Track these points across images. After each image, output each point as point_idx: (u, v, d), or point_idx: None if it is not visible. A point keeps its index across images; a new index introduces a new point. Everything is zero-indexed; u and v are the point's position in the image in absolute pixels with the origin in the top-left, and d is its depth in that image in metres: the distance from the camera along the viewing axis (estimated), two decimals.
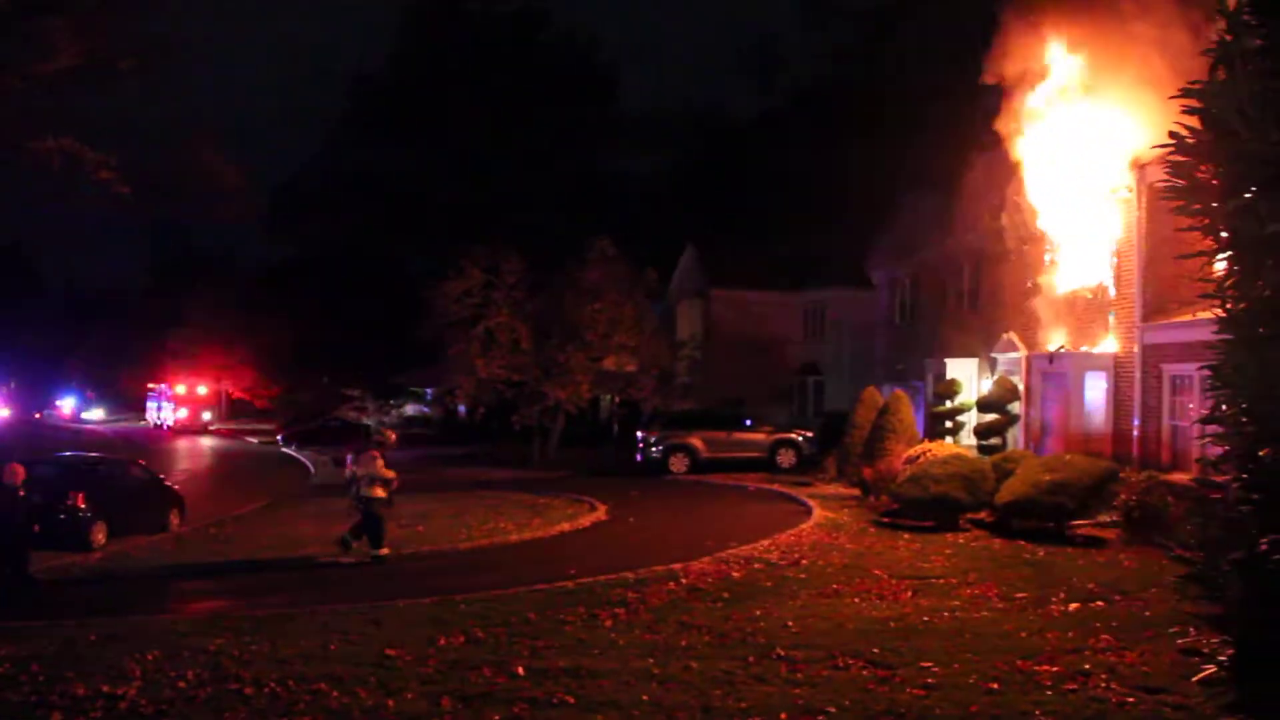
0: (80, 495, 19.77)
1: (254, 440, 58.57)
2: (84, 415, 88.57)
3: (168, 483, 24.58)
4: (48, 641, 11.47)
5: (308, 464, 41.86)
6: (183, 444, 56.23)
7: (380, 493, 17.76)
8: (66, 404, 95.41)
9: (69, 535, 19.23)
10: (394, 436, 18.99)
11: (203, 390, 70.05)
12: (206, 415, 68.96)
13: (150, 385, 74.47)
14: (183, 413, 68.62)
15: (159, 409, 72.44)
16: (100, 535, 19.88)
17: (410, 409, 68.34)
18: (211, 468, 43.47)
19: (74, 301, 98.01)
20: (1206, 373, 6.38)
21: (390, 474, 17.88)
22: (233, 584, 16.43)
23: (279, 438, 55.61)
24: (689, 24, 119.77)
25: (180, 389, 69.44)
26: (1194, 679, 6.25)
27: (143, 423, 75.52)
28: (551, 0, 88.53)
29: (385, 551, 17.73)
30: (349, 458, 18.66)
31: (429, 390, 63.75)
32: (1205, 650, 6.06)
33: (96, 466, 22.97)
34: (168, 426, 68.51)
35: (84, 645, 11.31)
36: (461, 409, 56.95)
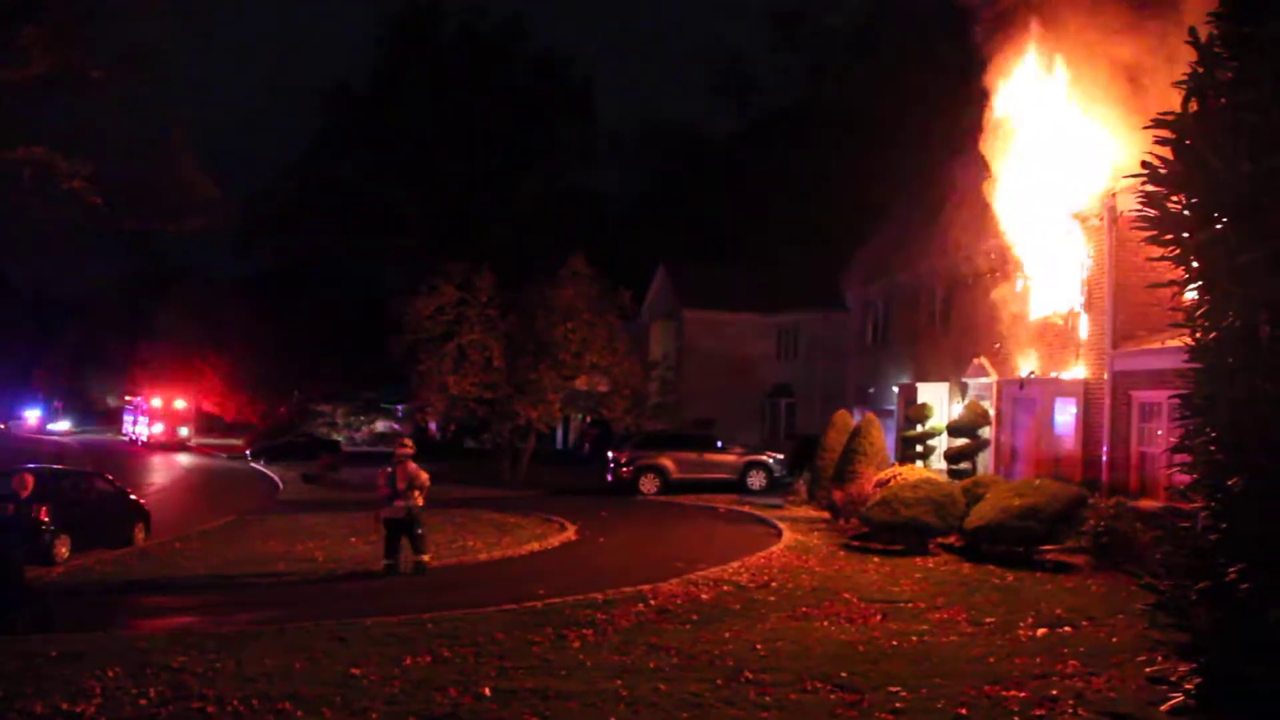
0: (43, 508, 19.50)
1: (223, 455, 57.99)
2: (50, 426, 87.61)
3: (133, 496, 24.30)
4: (6, 657, 11.28)
5: (276, 479, 41.56)
6: (155, 459, 55.54)
7: (421, 500, 18.18)
8: (32, 415, 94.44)
9: (31, 549, 18.96)
10: (410, 443, 19.45)
11: (179, 404, 67.11)
12: (183, 430, 66.12)
13: (127, 398, 71.75)
14: (158, 427, 65.78)
15: (134, 422, 69.94)
16: (63, 549, 19.60)
17: (380, 425, 68.05)
18: (178, 482, 43.05)
19: (42, 311, 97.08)
20: (1176, 401, 6.41)
21: (427, 479, 18.44)
22: (197, 600, 16.25)
23: (247, 453, 55.29)
24: (664, 44, 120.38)
25: (156, 402, 66.66)
26: (1162, 707, 6.27)
27: (117, 436, 74.44)
28: (528, 19, 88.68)
29: (404, 561, 18.04)
30: (384, 473, 18.58)
31: (400, 407, 63.52)
32: (1173, 678, 6.08)
33: (60, 479, 22.69)
34: (143, 441, 66.04)
35: (44, 661, 11.12)
36: (433, 426, 56.79)
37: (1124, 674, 10.01)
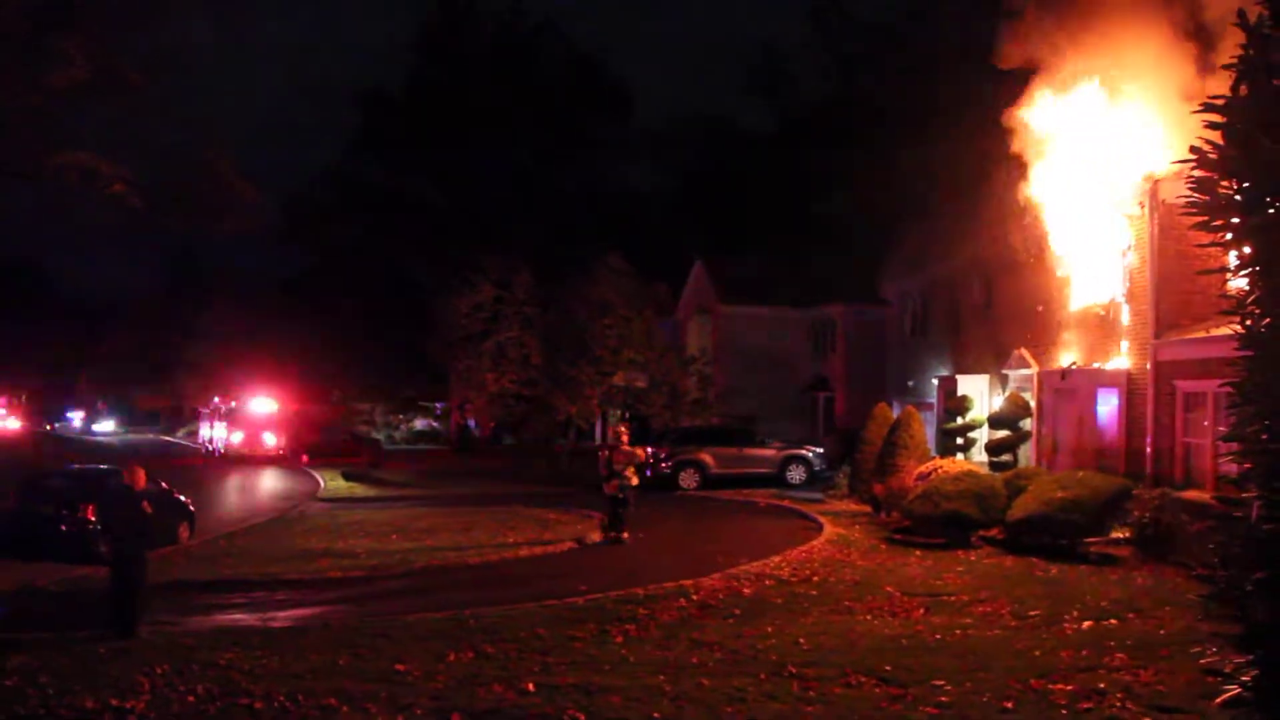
0: (90, 507, 19.73)
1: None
2: (94, 428, 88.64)
3: (177, 495, 24.51)
4: (57, 654, 11.43)
5: (317, 478, 41.84)
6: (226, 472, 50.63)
7: (635, 479, 21.05)
8: (77, 416, 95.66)
9: (78, 548, 19.21)
10: (625, 430, 22.52)
11: (267, 407, 54.66)
12: (270, 439, 53.70)
13: (215, 399, 59.91)
14: (238, 435, 54.34)
15: (211, 427, 57.85)
16: (108, 548, 19.79)
17: (420, 423, 68.33)
18: (220, 479, 43.38)
19: (87, 313, 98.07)
20: (1222, 390, 6.33)
21: (643, 455, 21.70)
22: (242, 598, 16.37)
23: (288, 451, 55.34)
24: (699, 40, 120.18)
25: (246, 405, 54.97)
26: (1216, 700, 6.17)
27: (161, 436, 73.99)
28: (563, 16, 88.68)
29: (626, 535, 20.75)
30: (605, 454, 21.44)
31: (439, 404, 63.77)
32: (1227, 670, 5.99)
33: (106, 478, 22.92)
34: (218, 452, 54.83)
35: (93, 658, 11.26)
36: (472, 423, 57.05)
37: (1173, 667, 9.89)
